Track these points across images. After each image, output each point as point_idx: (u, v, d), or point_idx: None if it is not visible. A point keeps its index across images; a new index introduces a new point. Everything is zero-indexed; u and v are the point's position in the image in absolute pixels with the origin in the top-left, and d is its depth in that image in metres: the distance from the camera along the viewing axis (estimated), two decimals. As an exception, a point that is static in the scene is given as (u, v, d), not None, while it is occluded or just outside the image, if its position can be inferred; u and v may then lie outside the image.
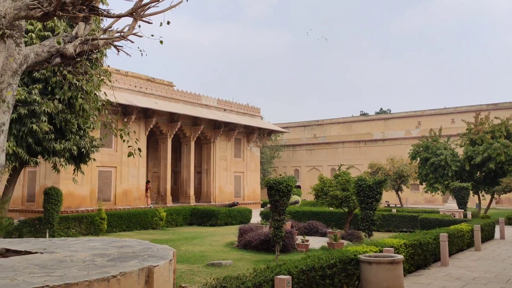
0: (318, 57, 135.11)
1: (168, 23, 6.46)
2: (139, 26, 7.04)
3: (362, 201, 15.10)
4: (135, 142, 7.88)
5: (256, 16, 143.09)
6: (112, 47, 7.65)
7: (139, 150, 8.12)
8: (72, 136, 14.16)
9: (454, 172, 24.18)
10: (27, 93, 13.22)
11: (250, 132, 36.72)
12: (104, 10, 6.75)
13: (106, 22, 8.81)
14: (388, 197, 38.49)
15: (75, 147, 14.08)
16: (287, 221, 15.36)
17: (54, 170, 15.09)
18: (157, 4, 6.70)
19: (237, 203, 28.39)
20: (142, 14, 6.77)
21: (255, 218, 25.00)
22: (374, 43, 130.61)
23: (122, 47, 7.43)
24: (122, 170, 26.78)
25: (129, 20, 7.15)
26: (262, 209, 27.93)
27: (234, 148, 35.74)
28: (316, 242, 15.20)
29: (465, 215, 19.06)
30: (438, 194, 27.42)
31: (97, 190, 25.42)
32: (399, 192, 36.80)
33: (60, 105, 13.20)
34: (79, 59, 7.16)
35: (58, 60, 6.89)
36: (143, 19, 6.84)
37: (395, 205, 36.38)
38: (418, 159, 26.47)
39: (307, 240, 14.43)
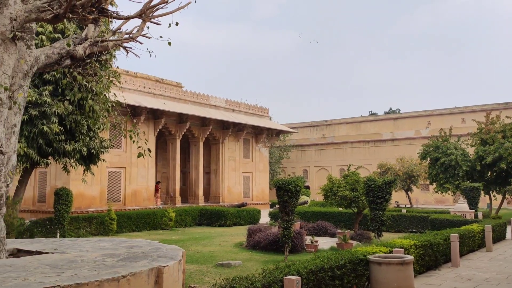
0: (327, 56, 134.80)
1: (177, 24, 6.48)
2: (148, 28, 7.09)
3: (372, 201, 15.02)
4: (145, 143, 7.93)
5: (264, 16, 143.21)
6: (121, 48, 7.70)
7: (149, 150, 8.16)
8: (82, 137, 14.28)
9: (464, 172, 23.94)
10: (38, 94, 13.34)
11: (258, 133, 36.71)
12: (113, 12, 6.81)
13: (115, 24, 8.83)
14: (397, 197, 38.24)
15: (85, 148, 14.19)
16: (296, 221, 15.32)
17: (64, 171, 15.22)
18: (165, 6, 6.74)
19: (245, 203, 28.40)
20: (150, 15, 6.81)
21: (264, 219, 24.99)
22: (383, 42, 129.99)
23: (131, 48, 7.49)
24: (131, 171, 26.94)
25: (138, 22, 7.20)
26: (271, 209, 27.89)
27: (243, 148, 35.76)
28: (325, 243, 15.15)
29: (476, 216, 18.86)
30: (449, 194, 27.16)
31: (106, 191, 25.59)
32: (409, 193, 36.55)
33: (70, 106, 13.32)
34: (88, 61, 7.23)
35: (68, 61, 6.96)
36: (152, 20, 6.89)
37: (405, 205, 36.12)
38: (428, 159, 26.24)
39: (316, 241, 14.39)
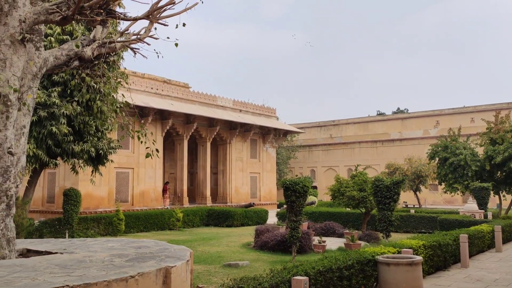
0: (334, 56, 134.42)
1: (184, 25, 6.50)
2: (155, 29, 7.12)
3: (380, 201, 14.94)
4: (153, 143, 7.96)
5: (271, 16, 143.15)
6: (129, 49, 7.75)
7: (157, 151, 8.20)
8: (90, 138, 14.37)
9: (474, 172, 23.71)
10: (47, 96, 13.45)
11: (266, 133, 36.70)
12: (121, 13, 6.85)
13: (122, 25, 8.90)
14: (406, 197, 38.00)
15: (93, 149, 14.28)
16: (304, 221, 15.31)
17: (72, 172, 15.32)
18: (172, 7, 6.77)
19: (253, 203, 28.40)
20: (158, 16, 6.84)
21: (272, 219, 24.97)
22: (391, 41, 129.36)
23: (138, 49, 7.53)
24: (139, 171, 27.06)
25: (145, 23, 7.23)
26: (279, 209, 27.87)
27: (250, 149, 35.77)
28: (333, 243, 15.11)
29: (485, 216, 18.69)
30: (458, 194, 26.90)
31: (114, 191, 25.73)
32: (417, 193, 36.30)
33: (79, 107, 13.41)
34: (96, 62, 7.27)
35: (76, 63, 7.01)
36: (159, 21, 6.92)
37: (413, 205, 35.88)
38: (437, 159, 26.03)
39: (324, 241, 14.35)
